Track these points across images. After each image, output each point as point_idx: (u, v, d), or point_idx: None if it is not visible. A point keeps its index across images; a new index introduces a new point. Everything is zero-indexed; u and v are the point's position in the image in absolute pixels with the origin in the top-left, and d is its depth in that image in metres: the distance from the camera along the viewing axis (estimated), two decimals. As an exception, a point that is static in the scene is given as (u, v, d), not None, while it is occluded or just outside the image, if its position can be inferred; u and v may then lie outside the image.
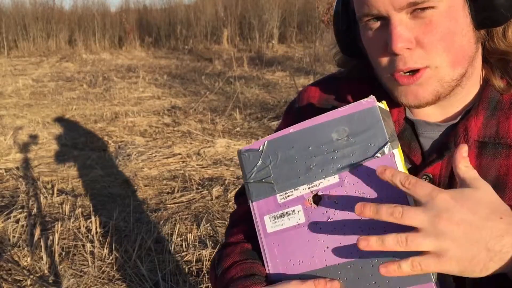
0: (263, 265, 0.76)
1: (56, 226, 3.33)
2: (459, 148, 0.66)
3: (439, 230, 0.59)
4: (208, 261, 2.93)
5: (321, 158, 0.72)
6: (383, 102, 0.74)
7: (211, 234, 3.27)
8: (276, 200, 0.75)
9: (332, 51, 0.90)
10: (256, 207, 0.76)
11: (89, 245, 3.16)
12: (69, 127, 6.01)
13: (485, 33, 0.74)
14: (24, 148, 5.16)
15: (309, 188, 0.72)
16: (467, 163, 0.65)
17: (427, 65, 0.71)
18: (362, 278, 0.67)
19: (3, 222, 3.47)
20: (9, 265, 2.97)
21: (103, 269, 2.94)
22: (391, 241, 0.60)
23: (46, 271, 2.92)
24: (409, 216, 0.60)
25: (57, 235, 3.21)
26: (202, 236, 3.25)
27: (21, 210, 3.65)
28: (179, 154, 4.87)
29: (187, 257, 3.00)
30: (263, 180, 0.76)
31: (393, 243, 0.60)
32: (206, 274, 2.83)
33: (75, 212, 3.62)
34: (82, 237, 3.28)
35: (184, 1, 15.58)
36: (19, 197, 3.92)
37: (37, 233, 3.25)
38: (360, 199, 0.67)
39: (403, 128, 0.79)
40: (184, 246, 3.14)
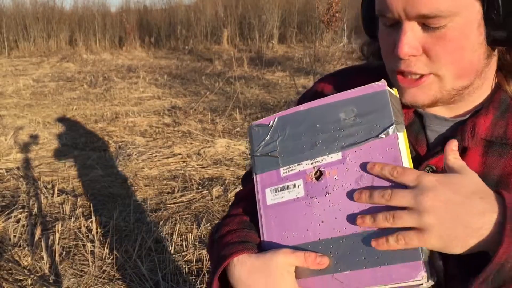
0: (259, 236, 0.78)
1: (56, 226, 3.34)
2: (449, 142, 0.71)
3: (423, 207, 0.64)
4: (208, 261, 2.94)
5: (327, 136, 0.74)
6: (395, 89, 0.75)
7: (211, 234, 3.28)
8: (279, 173, 0.77)
9: (357, 42, 0.89)
10: (259, 179, 0.78)
11: (89, 245, 3.17)
12: (69, 127, 6.01)
13: (501, 48, 0.74)
14: (24, 148, 5.17)
15: (312, 163, 0.74)
16: (456, 155, 0.70)
17: (431, 72, 0.72)
18: (352, 253, 0.69)
19: (3, 222, 3.48)
20: (10, 264, 2.98)
21: (104, 268, 2.95)
22: (381, 218, 0.66)
23: (46, 271, 2.92)
24: (397, 197, 0.66)
25: (57, 235, 3.22)
26: (202, 236, 3.26)
27: (21, 210, 3.66)
28: (179, 154, 4.88)
29: (187, 257, 3.01)
30: (269, 154, 0.78)
31: (382, 220, 0.66)
32: (206, 274, 2.83)
33: (76, 212, 3.63)
34: (82, 237, 3.28)
35: (184, 1, 15.61)
36: (19, 197, 3.93)
37: (38, 233, 3.26)
38: (359, 177, 0.70)
39: (412, 120, 0.80)
40: (184, 246, 3.15)
